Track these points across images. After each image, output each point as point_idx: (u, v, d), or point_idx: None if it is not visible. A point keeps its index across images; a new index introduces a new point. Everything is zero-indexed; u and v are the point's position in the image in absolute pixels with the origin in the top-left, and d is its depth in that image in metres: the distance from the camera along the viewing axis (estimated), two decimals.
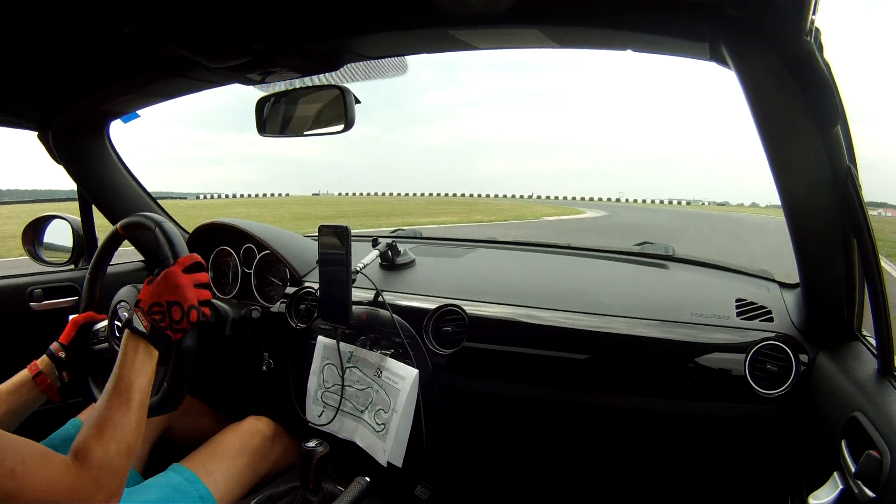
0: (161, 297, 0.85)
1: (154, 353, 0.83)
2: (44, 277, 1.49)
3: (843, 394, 0.74)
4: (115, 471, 0.72)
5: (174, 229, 0.93)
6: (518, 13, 0.69)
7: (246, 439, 1.16)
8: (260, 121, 1.09)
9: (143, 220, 0.98)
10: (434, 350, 1.13)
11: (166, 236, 0.92)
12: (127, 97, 1.16)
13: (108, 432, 0.74)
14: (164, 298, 0.85)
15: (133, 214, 1.01)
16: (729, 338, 0.98)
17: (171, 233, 0.92)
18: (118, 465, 0.73)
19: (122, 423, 0.76)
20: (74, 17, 0.80)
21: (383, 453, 1.08)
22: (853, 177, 0.68)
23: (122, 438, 0.75)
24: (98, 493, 0.69)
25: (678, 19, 0.64)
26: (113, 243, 1.09)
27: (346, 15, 0.78)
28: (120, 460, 0.73)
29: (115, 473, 0.72)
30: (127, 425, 0.76)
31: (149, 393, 0.82)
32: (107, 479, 0.71)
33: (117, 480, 0.72)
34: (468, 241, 1.64)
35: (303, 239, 1.51)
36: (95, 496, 0.69)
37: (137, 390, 0.80)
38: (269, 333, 1.33)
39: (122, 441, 0.75)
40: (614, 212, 26.91)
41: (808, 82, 0.60)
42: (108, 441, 0.73)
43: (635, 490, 1.21)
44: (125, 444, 0.75)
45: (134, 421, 0.78)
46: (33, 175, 42.69)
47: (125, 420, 0.77)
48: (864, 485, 0.59)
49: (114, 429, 0.75)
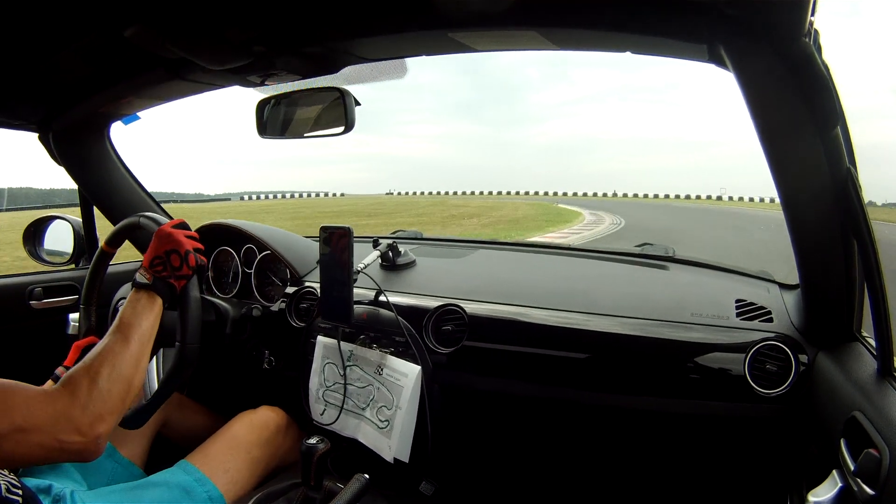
0: (159, 251, 0.90)
1: (157, 300, 0.87)
2: (44, 277, 1.49)
3: (843, 394, 0.74)
4: (105, 396, 0.72)
5: (155, 213, 1.00)
6: (516, 15, 0.69)
7: (260, 429, 1.15)
8: (260, 123, 1.09)
9: (126, 223, 1.04)
10: (434, 349, 1.13)
11: (149, 218, 0.98)
12: (127, 99, 1.17)
13: (100, 361, 0.75)
14: (162, 250, 0.90)
15: (114, 228, 1.07)
16: (729, 338, 0.99)
17: (153, 214, 0.99)
18: (108, 389, 0.73)
19: (118, 354, 0.77)
20: (75, 20, 0.80)
21: (389, 450, 1.09)
22: (853, 178, 0.68)
23: (117, 366, 0.75)
24: (81, 415, 0.69)
25: (676, 21, 0.64)
26: (102, 262, 1.12)
27: (345, 18, 0.78)
28: (111, 386, 0.73)
29: (104, 399, 0.72)
30: (123, 356, 0.77)
31: (151, 335, 0.84)
32: (94, 403, 0.71)
33: (106, 405, 0.72)
34: (468, 241, 1.64)
35: (303, 239, 1.51)
36: (77, 419, 0.68)
37: (137, 329, 0.82)
38: (270, 332, 1.34)
39: (116, 369, 0.75)
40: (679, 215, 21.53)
41: (807, 84, 0.61)
42: (98, 368, 0.74)
43: (636, 488, 1.21)
44: (119, 372, 0.75)
45: (132, 352, 0.78)
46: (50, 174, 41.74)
47: (122, 352, 0.77)
48: (864, 483, 0.59)
49: (107, 358, 0.75)
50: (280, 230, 1.51)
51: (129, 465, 1.09)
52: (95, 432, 0.70)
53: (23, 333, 1.45)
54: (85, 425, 0.69)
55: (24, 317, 1.44)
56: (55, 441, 0.67)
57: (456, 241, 1.65)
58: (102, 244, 1.10)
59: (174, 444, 1.22)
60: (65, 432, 0.67)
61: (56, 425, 0.67)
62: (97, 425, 0.70)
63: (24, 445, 0.65)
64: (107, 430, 0.71)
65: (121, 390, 0.74)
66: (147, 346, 0.83)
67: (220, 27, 0.77)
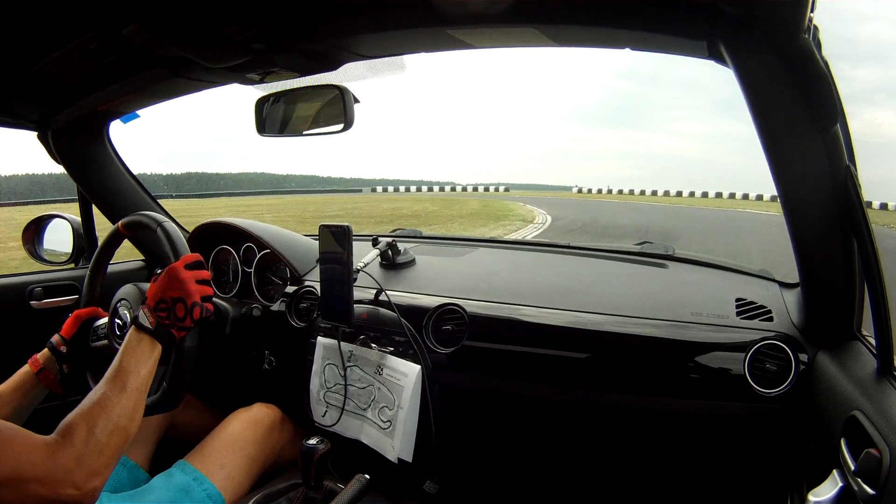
0: (165, 294, 0.87)
1: (157, 347, 0.85)
2: (44, 276, 1.49)
3: (843, 393, 0.74)
4: (101, 448, 0.72)
5: (175, 229, 0.94)
6: (515, 12, 0.69)
7: (255, 426, 1.15)
8: (259, 120, 1.09)
9: (145, 220, 0.99)
10: (434, 348, 1.13)
11: (167, 235, 0.93)
12: (126, 98, 1.16)
13: (98, 411, 0.74)
14: (169, 295, 0.86)
15: (135, 213, 1.02)
16: (728, 337, 0.98)
17: (173, 232, 0.93)
18: (105, 443, 0.72)
19: (115, 403, 0.76)
20: (73, 18, 0.80)
21: (392, 450, 1.09)
22: (853, 176, 0.68)
23: (113, 418, 0.75)
24: (77, 469, 0.69)
25: (676, 17, 0.64)
26: (114, 241, 1.09)
27: (343, 15, 0.78)
28: (108, 439, 0.73)
29: (101, 451, 0.72)
30: (119, 407, 0.76)
31: (147, 384, 0.83)
32: (91, 456, 0.70)
33: (102, 458, 0.72)
34: (468, 240, 1.64)
35: (302, 238, 1.51)
36: (74, 472, 0.68)
37: (135, 377, 0.80)
38: (270, 332, 1.34)
39: (113, 420, 0.74)
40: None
41: (806, 80, 0.60)
42: (96, 419, 0.73)
43: (637, 487, 1.21)
44: (115, 423, 0.74)
45: (128, 404, 0.77)
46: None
47: (118, 401, 0.77)
48: (864, 482, 0.59)
49: (105, 408, 0.75)
50: (279, 229, 1.51)
51: (134, 467, 1.10)
52: (91, 485, 0.70)
53: (23, 333, 1.45)
54: (81, 479, 0.69)
55: (24, 317, 1.44)
56: (52, 493, 0.67)
57: (455, 239, 1.65)
58: (119, 224, 1.06)
59: (179, 444, 1.22)
60: (62, 485, 0.67)
61: (54, 477, 0.67)
62: (93, 479, 0.70)
63: (21, 494, 0.65)
64: (102, 482, 0.71)
65: (118, 442, 0.74)
66: (143, 393, 0.82)
67: (218, 25, 0.77)
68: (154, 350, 0.84)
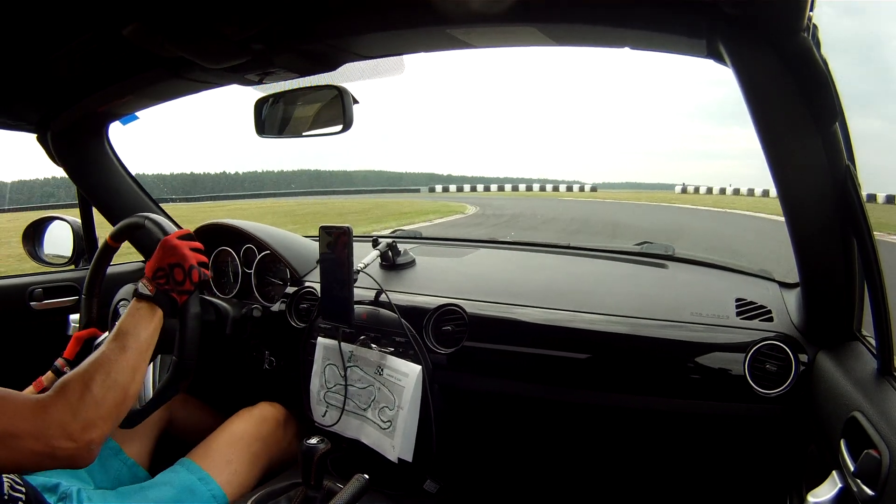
0: (162, 262, 0.89)
1: (158, 312, 0.86)
2: (44, 277, 1.49)
3: (843, 393, 0.74)
4: (97, 402, 0.71)
5: (162, 217, 0.98)
6: (515, 11, 0.69)
7: (260, 424, 1.16)
8: (258, 121, 1.09)
9: (131, 221, 1.02)
10: (434, 349, 1.13)
11: (156, 223, 0.97)
12: (125, 99, 1.16)
13: (94, 368, 0.74)
14: (166, 262, 0.89)
15: (119, 223, 1.05)
16: (728, 337, 0.98)
17: (160, 219, 0.97)
18: (101, 397, 0.72)
19: (114, 361, 0.76)
20: (72, 19, 0.80)
21: (392, 450, 1.09)
22: (852, 175, 0.67)
23: (111, 374, 0.75)
24: (72, 421, 0.68)
25: (675, 16, 0.64)
26: (105, 256, 1.11)
27: (342, 15, 0.78)
28: (105, 393, 0.72)
29: (97, 405, 0.71)
30: (118, 364, 0.76)
31: (148, 347, 0.83)
32: (86, 409, 0.70)
33: (98, 412, 0.71)
34: (468, 241, 1.64)
35: (302, 239, 1.51)
36: (69, 424, 0.68)
37: (134, 339, 0.81)
38: (270, 332, 1.34)
39: (111, 377, 0.74)
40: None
41: (805, 79, 0.60)
42: (92, 375, 0.73)
43: (637, 488, 1.21)
44: (113, 380, 0.74)
45: (127, 363, 0.77)
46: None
47: (117, 359, 0.77)
48: (864, 483, 0.59)
49: (102, 365, 0.75)
50: (279, 230, 1.51)
51: (133, 465, 1.10)
52: (87, 438, 0.69)
53: (23, 334, 1.45)
54: (76, 431, 0.68)
55: (25, 318, 1.44)
56: (47, 447, 0.66)
57: (455, 240, 1.65)
58: (107, 237, 1.08)
59: (178, 441, 1.22)
60: (56, 438, 0.67)
61: (47, 431, 0.66)
62: (89, 431, 0.69)
63: (15, 451, 0.64)
64: (99, 436, 0.70)
65: (115, 397, 0.73)
66: (145, 355, 0.82)
67: (217, 25, 0.77)
68: (154, 314, 0.86)
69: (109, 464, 1.07)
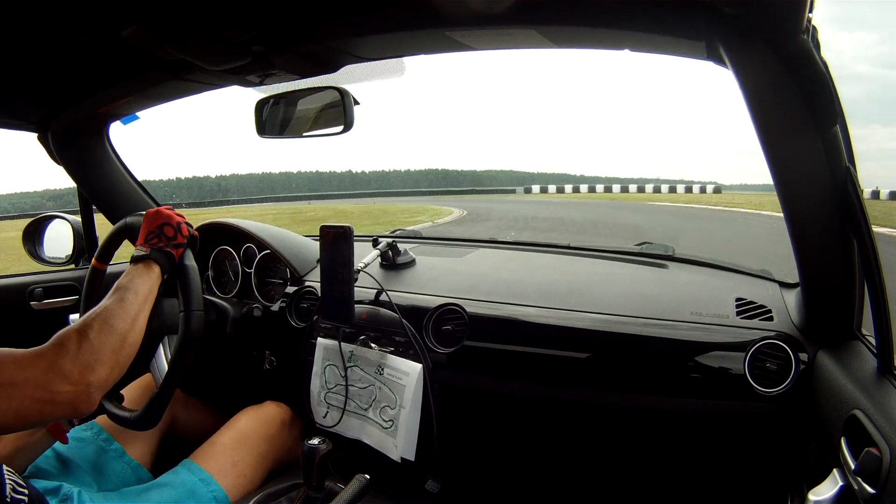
0: (151, 226, 0.95)
1: (155, 268, 0.91)
2: (44, 277, 1.49)
3: (843, 392, 0.74)
4: (96, 349, 0.72)
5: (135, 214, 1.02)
6: (515, 14, 0.69)
7: (266, 424, 1.16)
8: (259, 122, 1.09)
9: (113, 232, 1.07)
10: (434, 348, 1.13)
11: (134, 215, 1.02)
12: (126, 99, 1.16)
13: (92, 318, 0.76)
14: (154, 225, 0.95)
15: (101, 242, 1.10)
16: (728, 337, 0.98)
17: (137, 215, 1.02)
18: (100, 343, 0.73)
19: (112, 311, 0.78)
20: (73, 20, 0.80)
21: (395, 449, 1.09)
22: (852, 177, 0.68)
23: (109, 321, 0.76)
24: (71, 365, 0.69)
25: (675, 18, 0.64)
26: (95, 280, 1.12)
27: (343, 17, 0.78)
28: (104, 339, 0.74)
29: (95, 350, 0.72)
30: (116, 314, 0.78)
31: (147, 300, 0.86)
32: (85, 354, 0.71)
33: (97, 356, 0.72)
34: (468, 240, 1.64)
35: (303, 239, 1.51)
36: (67, 368, 0.69)
37: (133, 292, 0.84)
38: (271, 332, 1.34)
39: (109, 324, 0.76)
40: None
41: (805, 81, 0.60)
42: (90, 323, 0.74)
43: (637, 487, 1.21)
44: (112, 326, 0.76)
45: (126, 313, 0.79)
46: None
47: (115, 309, 0.79)
48: (864, 481, 0.59)
49: (100, 315, 0.76)
50: (279, 229, 1.51)
51: (137, 467, 1.10)
52: (86, 380, 0.70)
53: (23, 334, 1.45)
54: (75, 374, 0.69)
55: (25, 317, 1.44)
56: (46, 392, 0.67)
57: (455, 239, 1.65)
58: (93, 261, 1.09)
59: (181, 442, 1.22)
60: (55, 382, 0.68)
61: (46, 376, 0.67)
62: (87, 374, 0.70)
63: (16, 400, 0.65)
64: (97, 380, 0.71)
65: (113, 343, 0.75)
66: (143, 306, 0.85)
67: (218, 27, 0.77)
68: (151, 270, 0.90)
69: (113, 466, 1.07)
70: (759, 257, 6.26)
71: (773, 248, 6.97)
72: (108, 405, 1.02)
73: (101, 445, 1.08)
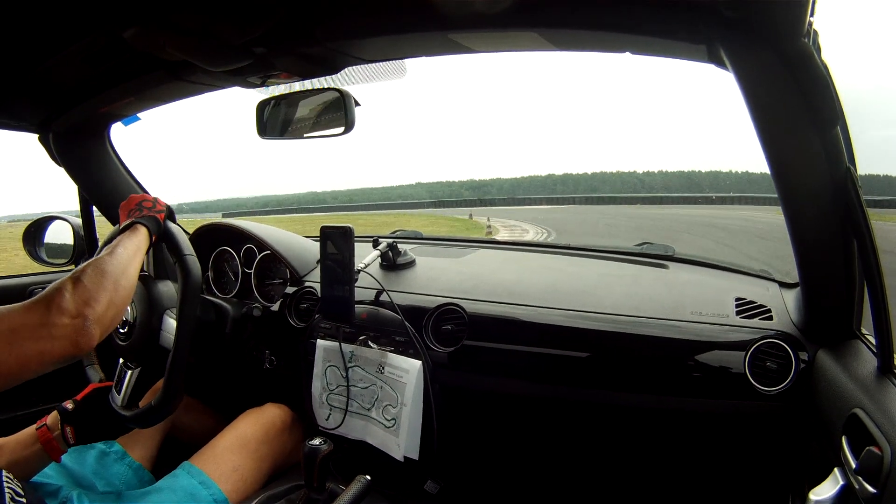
0: (129, 206, 1.02)
1: (141, 228, 0.96)
2: (44, 278, 1.49)
3: (844, 391, 0.75)
4: (90, 287, 0.75)
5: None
6: (516, 16, 0.69)
7: (266, 427, 1.15)
8: (260, 123, 1.09)
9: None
10: (434, 348, 1.13)
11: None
12: (127, 101, 1.16)
13: (84, 267, 0.79)
14: (133, 204, 1.02)
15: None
16: (729, 336, 0.99)
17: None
18: (94, 286, 0.76)
19: (102, 260, 0.82)
20: (74, 21, 0.80)
21: (398, 448, 1.09)
22: (853, 177, 0.68)
23: (101, 267, 0.79)
24: (69, 300, 0.72)
25: (675, 22, 0.64)
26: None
27: (344, 19, 0.78)
28: (98, 282, 0.77)
29: (89, 289, 0.75)
30: (106, 261, 0.82)
31: (137, 255, 0.91)
32: (79, 293, 0.74)
33: (92, 293, 0.75)
34: (468, 241, 1.64)
35: (303, 239, 1.52)
36: (63, 303, 0.71)
37: (123, 246, 0.88)
38: (271, 332, 1.34)
39: (100, 269, 0.79)
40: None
41: (806, 84, 0.61)
42: (83, 270, 0.78)
43: (638, 486, 1.22)
44: (104, 270, 0.79)
45: (117, 259, 0.83)
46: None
47: (106, 259, 0.82)
48: (865, 480, 0.59)
49: (91, 264, 0.80)
50: (279, 230, 1.51)
51: (139, 468, 1.10)
52: (83, 313, 0.72)
53: None
54: (72, 308, 0.72)
55: None
56: (44, 329, 0.69)
57: (455, 240, 1.65)
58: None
59: (182, 444, 1.22)
60: (53, 317, 0.70)
61: (44, 317, 0.70)
62: (83, 308, 0.73)
63: (16, 346, 0.67)
64: (95, 314, 0.73)
65: (106, 284, 0.78)
66: (133, 257, 0.88)
67: (219, 29, 0.77)
68: (138, 231, 0.95)
69: (115, 468, 1.07)
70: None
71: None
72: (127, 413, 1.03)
73: (102, 448, 1.08)
